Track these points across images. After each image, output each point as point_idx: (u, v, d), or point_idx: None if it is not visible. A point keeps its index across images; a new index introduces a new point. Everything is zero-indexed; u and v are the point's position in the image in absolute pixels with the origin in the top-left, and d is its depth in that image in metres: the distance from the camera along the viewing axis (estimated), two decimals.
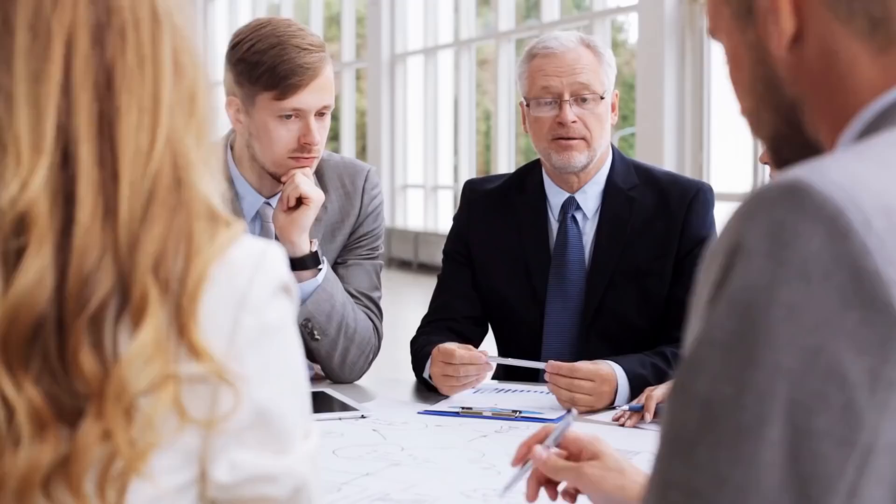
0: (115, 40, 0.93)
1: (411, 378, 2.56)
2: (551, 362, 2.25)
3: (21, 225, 0.88)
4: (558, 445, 1.46)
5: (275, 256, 0.96)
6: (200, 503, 0.95)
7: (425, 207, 13.35)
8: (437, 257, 11.41)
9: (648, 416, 2.10)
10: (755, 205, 0.76)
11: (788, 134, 0.93)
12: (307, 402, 0.99)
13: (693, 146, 8.72)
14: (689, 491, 0.73)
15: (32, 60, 0.91)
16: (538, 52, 2.49)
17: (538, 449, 1.44)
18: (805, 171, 0.76)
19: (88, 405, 0.87)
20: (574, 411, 1.50)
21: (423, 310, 2.65)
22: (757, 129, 0.96)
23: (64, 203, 0.89)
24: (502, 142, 11.92)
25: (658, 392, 2.16)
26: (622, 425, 2.12)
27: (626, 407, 2.17)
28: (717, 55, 8.63)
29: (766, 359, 0.72)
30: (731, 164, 8.39)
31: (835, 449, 0.70)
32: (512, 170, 12.10)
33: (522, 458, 1.48)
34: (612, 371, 2.26)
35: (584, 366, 2.24)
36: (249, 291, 0.93)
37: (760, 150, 2.27)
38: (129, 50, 0.93)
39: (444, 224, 13.14)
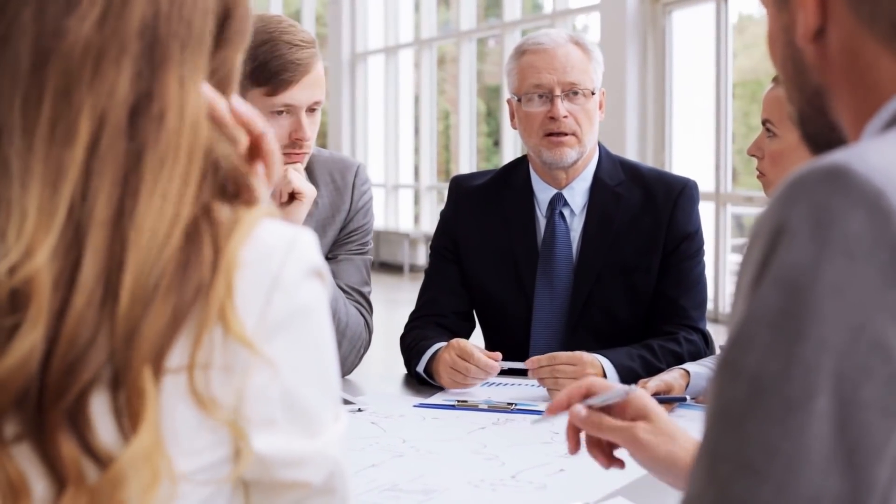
0: (150, 125, 0.89)
1: (397, 373, 2.58)
2: (530, 359, 2.28)
3: (18, 298, 0.85)
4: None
5: (307, 241, 0.96)
6: (231, 484, 0.95)
7: (385, 206, 13.35)
8: (398, 256, 11.40)
9: None
10: (797, 188, 0.78)
11: (812, 114, 0.96)
12: (338, 386, 1.00)
13: (655, 145, 8.79)
14: (740, 463, 0.75)
15: (56, 135, 0.87)
16: (528, 49, 2.51)
17: (577, 407, 1.40)
18: (844, 155, 0.79)
19: (67, 488, 0.86)
20: (633, 387, 1.45)
21: (384, 308, 2.67)
22: (789, 100, 1.00)
23: (65, 285, 0.86)
24: (464, 141, 11.94)
25: (651, 384, 2.19)
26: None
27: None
28: (678, 55, 8.71)
29: (812, 334, 0.75)
30: (692, 163, 8.46)
31: (880, 419, 0.73)
32: (473, 170, 12.09)
33: (559, 407, 1.43)
34: (594, 357, 2.29)
35: (561, 353, 2.28)
36: (282, 273, 0.93)
37: (748, 145, 2.31)
38: (162, 138, 0.89)
39: (405, 223, 13.16)
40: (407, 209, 13.43)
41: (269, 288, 0.92)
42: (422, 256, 12.41)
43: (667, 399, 2.19)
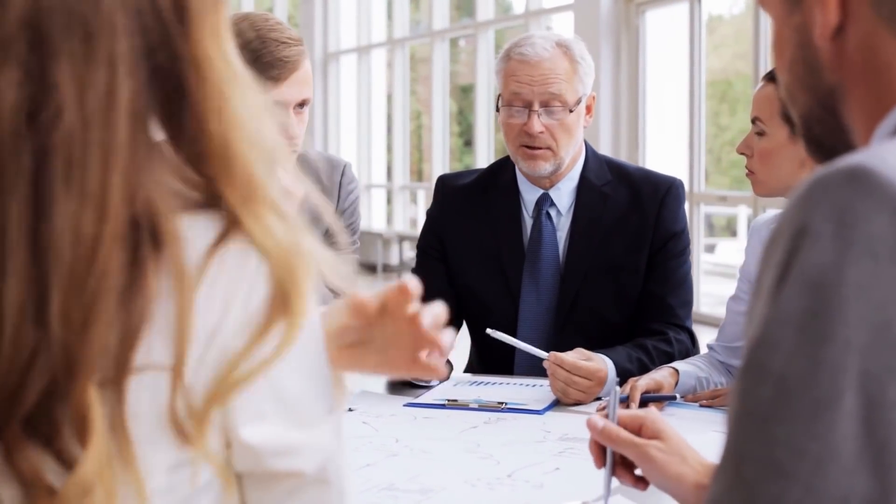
0: (49, 125, 0.84)
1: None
2: (554, 353, 2.26)
3: None
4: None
5: None
6: (221, 478, 0.94)
7: None
8: (371, 256, 11.34)
9: (634, 406, 2.13)
10: (818, 189, 0.79)
11: (822, 116, 0.97)
12: (329, 379, 0.98)
13: (629, 145, 8.81)
14: (767, 464, 0.75)
15: None
16: (514, 56, 2.51)
17: (593, 418, 1.45)
18: (863, 157, 0.79)
19: (35, 497, 0.86)
20: (617, 388, 1.50)
21: None
22: (791, 103, 1.00)
23: None
24: (437, 141, 11.94)
25: (642, 382, 2.19)
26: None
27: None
28: (652, 55, 8.74)
29: (838, 335, 0.75)
30: (665, 162, 8.49)
31: None
32: (446, 170, 12.11)
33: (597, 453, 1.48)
34: (607, 371, 2.28)
35: (584, 365, 2.25)
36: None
37: (737, 142, 2.32)
38: (62, 138, 0.84)
39: (378, 223, 13.14)
40: (380, 209, 13.40)
41: (251, 280, 0.91)
42: (395, 256, 12.40)
43: (657, 398, 2.20)
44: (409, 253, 12.67)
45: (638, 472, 1.47)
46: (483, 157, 10.87)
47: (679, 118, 8.55)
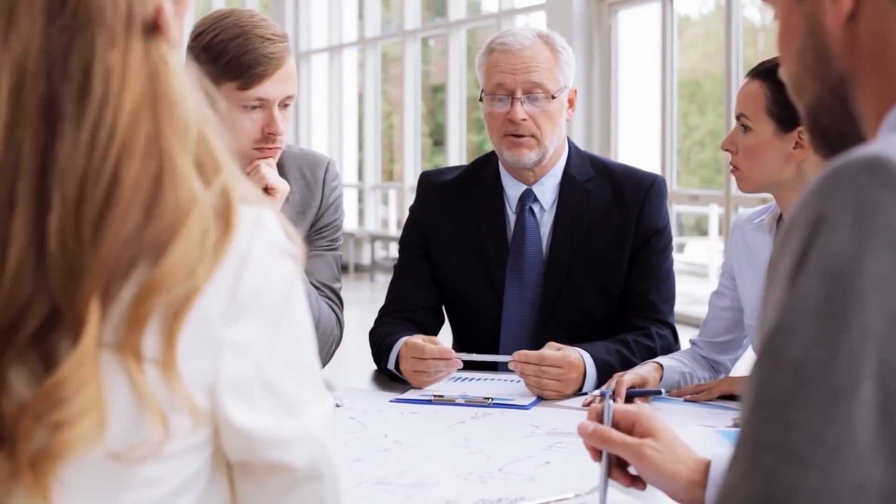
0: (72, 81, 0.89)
1: (365, 369, 2.58)
2: (518, 352, 2.28)
3: None
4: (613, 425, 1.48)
5: (271, 218, 0.96)
6: (213, 462, 0.95)
7: None
8: (345, 255, 11.30)
9: (619, 401, 2.15)
10: (835, 179, 0.79)
11: (831, 104, 0.97)
12: (318, 368, 0.99)
13: (601, 144, 8.84)
14: (785, 451, 0.76)
15: None
16: (495, 48, 2.52)
17: (583, 422, 1.47)
18: (881, 148, 0.80)
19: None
20: (611, 401, 1.52)
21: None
22: (797, 93, 1.00)
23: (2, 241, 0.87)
24: (408, 141, 11.93)
25: (627, 377, 2.21)
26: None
27: (596, 392, 2.22)
28: (624, 55, 8.78)
29: (856, 323, 0.76)
30: (638, 162, 8.52)
31: None
32: (417, 170, 12.07)
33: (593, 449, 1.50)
34: (580, 358, 2.30)
35: (551, 354, 2.28)
36: (250, 251, 0.92)
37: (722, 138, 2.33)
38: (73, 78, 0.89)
39: (350, 222, 13.11)
40: (351, 209, 13.38)
41: (238, 266, 0.92)
42: (366, 256, 12.39)
43: (643, 392, 2.21)
44: (381, 252, 12.67)
45: (632, 470, 1.48)
46: (455, 157, 10.88)
47: (651, 118, 8.59)
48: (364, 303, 9.30)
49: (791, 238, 0.81)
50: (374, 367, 2.56)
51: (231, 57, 2.31)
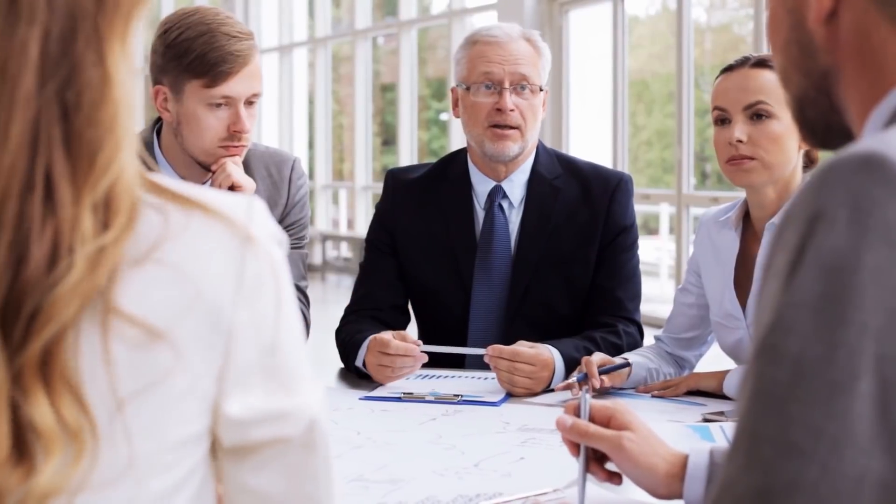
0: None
1: (328, 367, 2.57)
2: (493, 346, 2.29)
3: None
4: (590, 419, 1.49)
5: (261, 206, 0.97)
6: (211, 456, 0.95)
7: None
8: None
9: (597, 382, 2.16)
10: (831, 175, 0.80)
11: (816, 97, 0.98)
12: (305, 349, 1.00)
13: (552, 144, 8.88)
14: (784, 444, 0.77)
15: None
16: (480, 39, 2.54)
17: (561, 416, 1.48)
18: (877, 144, 0.81)
19: None
20: (587, 388, 1.53)
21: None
22: (784, 85, 1.02)
23: None
24: (359, 141, 11.91)
25: (596, 357, 2.22)
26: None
27: (573, 379, 2.21)
28: (575, 54, 8.82)
29: (854, 319, 0.76)
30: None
31: None
32: (368, 170, 12.00)
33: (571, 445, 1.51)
34: (552, 356, 2.31)
35: (525, 350, 2.29)
36: (249, 233, 0.93)
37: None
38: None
39: None
40: None
41: (240, 247, 0.92)
42: (318, 256, 12.34)
43: (612, 368, 2.23)
44: (332, 252, 12.64)
45: (610, 466, 1.49)
46: (406, 156, 10.87)
47: (601, 117, 8.64)
48: (316, 302, 9.22)
49: (787, 234, 0.81)
50: (340, 365, 2.56)
51: (196, 55, 2.30)
